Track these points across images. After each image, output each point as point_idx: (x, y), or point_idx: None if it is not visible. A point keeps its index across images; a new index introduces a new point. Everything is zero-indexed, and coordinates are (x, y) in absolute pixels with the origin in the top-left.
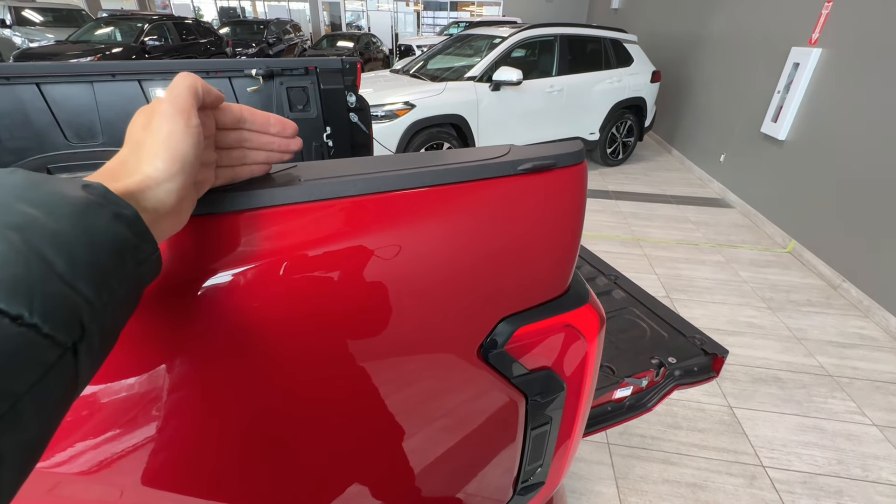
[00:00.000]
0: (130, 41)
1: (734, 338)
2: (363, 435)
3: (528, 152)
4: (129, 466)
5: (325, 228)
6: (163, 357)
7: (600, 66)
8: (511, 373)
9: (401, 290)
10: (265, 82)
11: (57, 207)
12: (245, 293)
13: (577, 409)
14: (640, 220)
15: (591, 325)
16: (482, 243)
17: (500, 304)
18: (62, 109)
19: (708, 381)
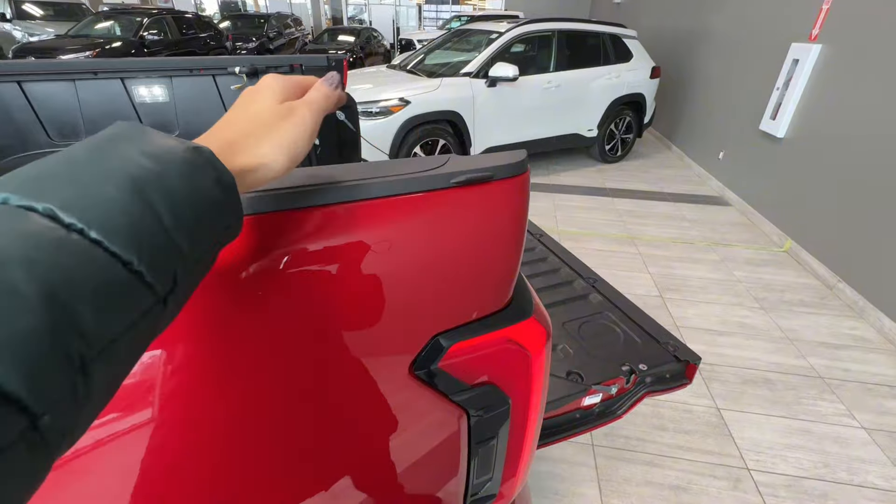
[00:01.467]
0: (129, 36)
1: (725, 338)
2: (295, 454)
3: (466, 164)
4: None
5: (237, 246)
6: None
7: (599, 62)
8: (449, 389)
9: (325, 307)
10: (249, 80)
11: (169, 162)
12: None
13: (526, 423)
14: (636, 217)
15: (535, 339)
16: (412, 259)
17: (433, 321)
18: (44, 108)
19: (680, 388)
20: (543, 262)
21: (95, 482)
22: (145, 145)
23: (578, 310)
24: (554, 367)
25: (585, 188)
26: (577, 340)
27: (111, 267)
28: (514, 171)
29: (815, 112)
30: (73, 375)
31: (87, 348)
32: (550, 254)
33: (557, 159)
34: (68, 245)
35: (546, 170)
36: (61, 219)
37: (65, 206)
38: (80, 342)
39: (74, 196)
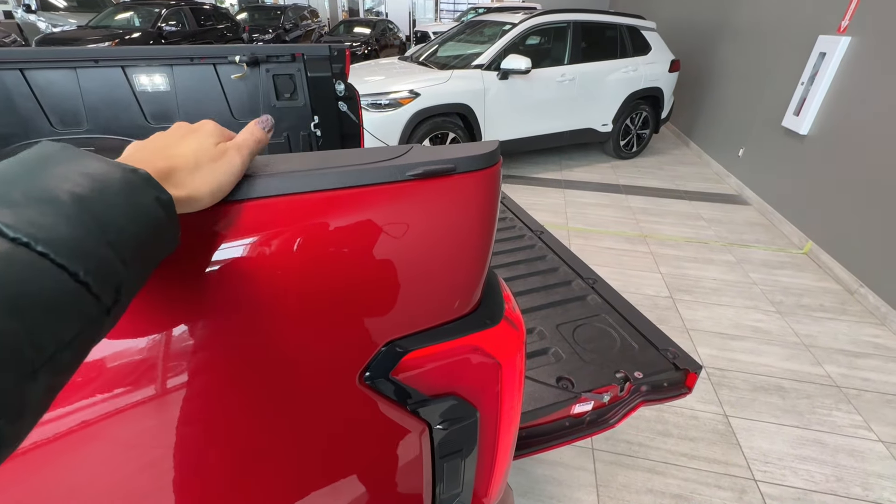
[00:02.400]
0: (148, 26)
1: (737, 342)
2: (234, 470)
3: (428, 155)
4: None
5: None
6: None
7: (615, 55)
8: (407, 400)
9: (257, 309)
10: (250, 69)
11: (109, 182)
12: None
13: (498, 435)
14: (650, 216)
15: (506, 346)
16: (360, 259)
17: (386, 326)
18: (47, 96)
19: (679, 397)
20: (542, 261)
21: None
22: (81, 166)
23: (575, 312)
24: (544, 372)
25: (598, 184)
26: (571, 344)
27: (58, 277)
28: (481, 163)
29: (841, 108)
30: (21, 381)
31: (37, 356)
32: (550, 252)
33: (571, 154)
34: (15, 257)
35: (558, 165)
36: (6, 233)
37: (9, 222)
38: (30, 350)
39: (19, 212)
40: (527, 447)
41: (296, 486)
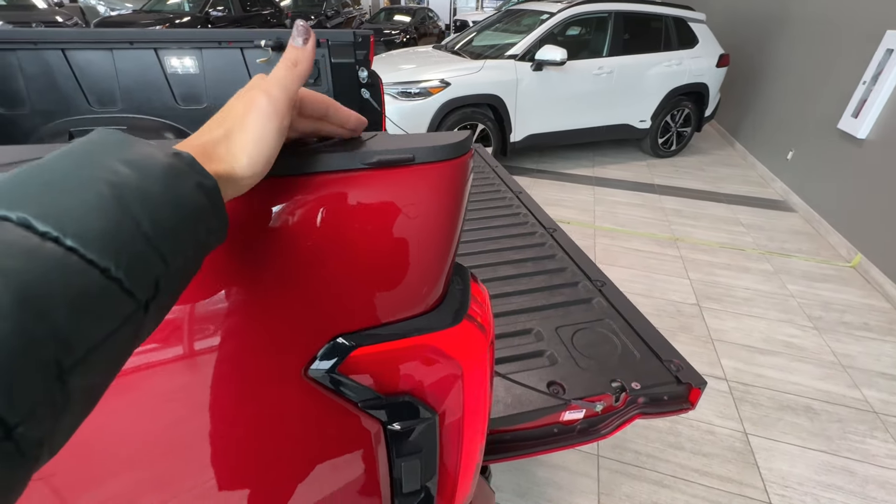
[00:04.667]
0: (196, 11)
1: (766, 357)
2: (172, 462)
3: (389, 143)
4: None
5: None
6: None
7: (659, 48)
8: (357, 397)
9: (203, 295)
10: (276, 54)
11: (149, 169)
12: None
13: (462, 440)
14: (684, 218)
15: (469, 349)
16: (308, 248)
17: (333, 320)
18: (85, 75)
19: (680, 412)
20: (550, 260)
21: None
22: (124, 153)
23: (577, 315)
24: (535, 376)
25: (631, 183)
26: (568, 348)
27: (87, 274)
28: (444, 154)
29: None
30: (49, 383)
31: (65, 356)
32: (560, 251)
33: (605, 151)
34: (42, 253)
35: (591, 161)
36: (35, 227)
37: (39, 214)
38: (57, 350)
39: (49, 204)
40: (511, 450)
41: (244, 481)
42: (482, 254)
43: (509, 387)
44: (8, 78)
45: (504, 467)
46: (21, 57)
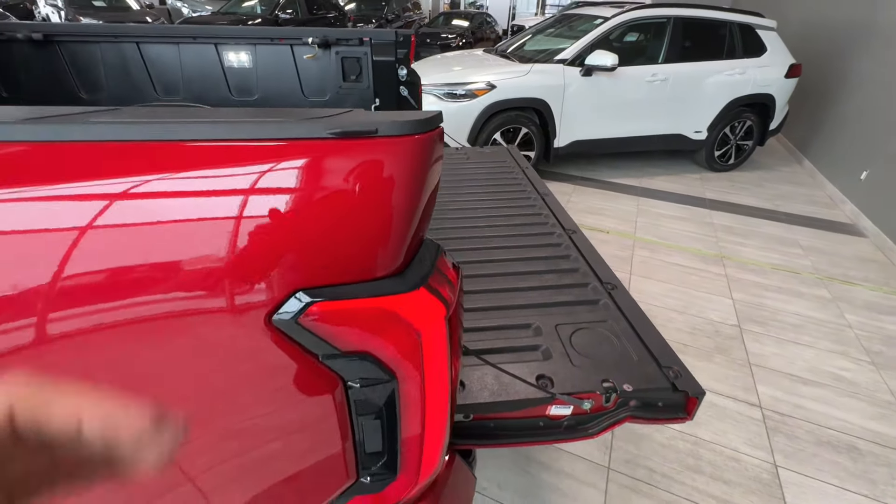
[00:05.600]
0: (267, 13)
1: (810, 388)
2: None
3: (361, 117)
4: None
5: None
6: None
7: (721, 55)
8: (316, 350)
9: (169, 237)
10: (322, 51)
11: None
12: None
13: (424, 406)
14: (734, 235)
15: (427, 315)
16: (277, 205)
17: (295, 274)
18: (155, 67)
19: (676, 421)
20: (564, 260)
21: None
22: None
23: (580, 315)
24: (527, 368)
25: (680, 196)
26: (564, 345)
27: None
28: (407, 129)
29: None
30: None
31: None
32: (575, 252)
33: (656, 161)
34: None
35: (639, 171)
36: None
37: None
38: None
39: None
40: (496, 438)
41: (210, 431)
42: (495, 249)
43: (498, 375)
44: (91, 67)
45: (508, 467)
46: (103, 49)
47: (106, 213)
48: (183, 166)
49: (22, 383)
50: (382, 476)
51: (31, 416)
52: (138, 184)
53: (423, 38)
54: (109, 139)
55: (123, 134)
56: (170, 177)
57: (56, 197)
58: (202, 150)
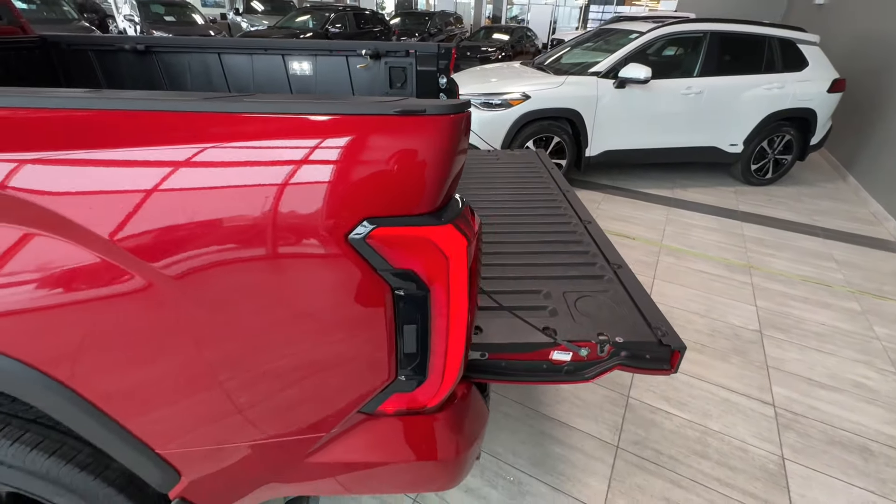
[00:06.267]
0: (318, 28)
1: (827, 392)
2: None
3: (414, 102)
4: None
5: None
6: None
7: (759, 69)
8: (375, 263)
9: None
10: (373, 61)
11: None
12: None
13: (448, 318)
14: (764, 247)
15: (453, 245)
16: (356, 162)
17: (363, 207)
18: (231, 74)
19: (661, 372)
20: (576, 244)
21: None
22: None
23: (586, 285)
24: (536, 320)
25: (711, 207)
26: (569, 307)
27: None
28: (444, 110)
29: None
30: None
31: None
32: (588, 238)
33: (689, 173)
34: None
35: (670, 182)
36: None
37: None
38: None
39: None
40: (505, 375)
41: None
42: (517, 233)
43: (510, 324)
44: (180, 74)
45: (523, 439)
46: (190, 58)
47: (260, 164)
48: (305, 134)
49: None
50: (414, 377)
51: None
52: (281, 146)
53: (463, 52)
54: (262, 112)
55: (268, 109)
56: (297, 143)
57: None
58: (317, 123)
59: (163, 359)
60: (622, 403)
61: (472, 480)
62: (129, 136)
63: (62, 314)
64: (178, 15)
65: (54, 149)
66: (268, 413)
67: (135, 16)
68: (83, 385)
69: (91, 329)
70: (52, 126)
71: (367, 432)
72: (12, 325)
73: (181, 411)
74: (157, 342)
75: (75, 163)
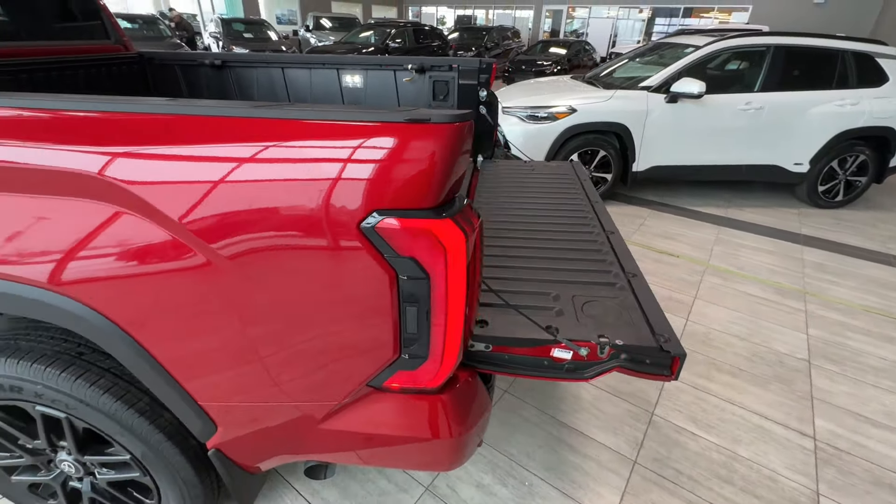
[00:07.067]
0: (379, 43)
1: (879, 431)
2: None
3: (423, 112)
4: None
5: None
6: None
7: (830, 85)
8: (383, 250)
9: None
10: (419, 75)
11: None
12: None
13: (446, 304)
14: (825, 273)
15: (449, 236)
16: (369, 159)
17: (373, 200)
18: (292, 86)
19: (661, 378)
20: (595, 252)
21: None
22: None
23: (596, 291)
24: (540, 318)
25: (769, 229)
26: (575, 310)
27: None
28: (448, 119)
29: None
30: None
31: None
32: (608, 246)
33: (746, 192)
34: None
35: (725, 201)
36: None
37: None
38: None
39: None
40: (508, 367)
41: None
42: (540, 239)
43: (515, 320)
44: (249, 86)
45: (539, 444)
46: (258, 72)
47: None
48: (326, 137)
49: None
50: (416, 356)
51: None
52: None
53: (518, 65)
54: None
55: (297, 115)
56: (320, 144)
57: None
58: (336, 127)
59: (211, 326)
60: (645, 420)
61: (483, 477)
62: (191, 136)
63: (138, 281)
64: (255, 32)
65: (140, 145)
66: (292, 379)
67: (218, 33)
68: (148, 341)
69: (158, 295)
70: (140, 126)
71: (374, 404)
72: (103, 288)
73: (221, 371)
74: (208, 311)
75: (154, 157)
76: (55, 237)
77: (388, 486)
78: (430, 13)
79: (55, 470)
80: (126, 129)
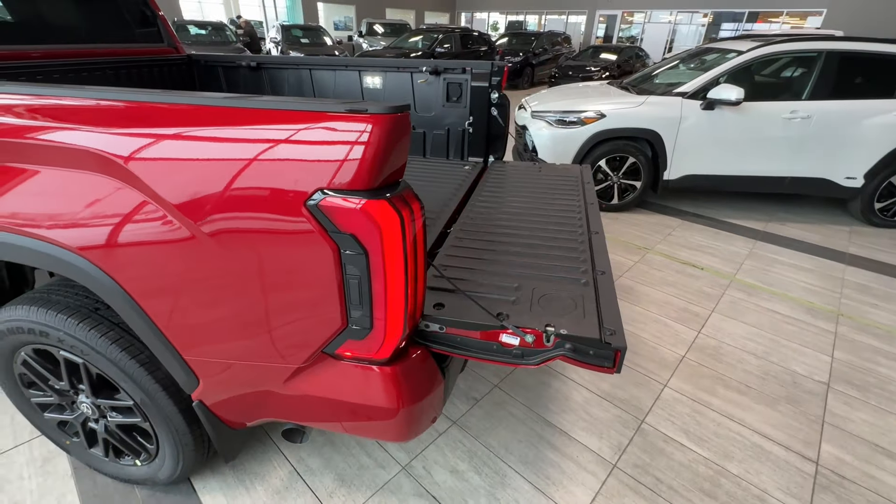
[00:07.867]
0: (426, 48)
1: (894, 463)
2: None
3: (364, 104)
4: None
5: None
6: None
7: (890, 93)
8: (325, 226)
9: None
10: (433, 77)
11: None
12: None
13: (385, 278)
14: (867, 295)
15: (384, 217)
16: (312, 142)
17: (317, 180)
18: (318, 86)
19: (603, 370)
20: (573, 251)
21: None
22: None
23: (559, 285)
24: (495, 304)
25: (811, 246)
26: (532, 301)
27: None
28: (384, 110)
29: None
30: None
31: None
32: (587, 245)
33: (792, 207)
34: None
35: (766, 215)
36: None
37: None
38: None
39: None
40: (459, 348)
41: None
42: (520, 235)
43: (471, 304)
44: (280, 86)
45: (520, 438)
46: (288, 73)
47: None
48: (281, 122)
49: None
50: (362, 326)
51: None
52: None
53: (565, 71)
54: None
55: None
56: (275, 128)
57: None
58: (288, 114)
59: (186, 286)
60: (633, 426)
61: (459, 463)
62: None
63: (136, 249)
64: (311, 37)
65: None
66: (255, 338)
67: (278, 38)
68: (143, 300)
69: (145, 257)
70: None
71: (329, 370)
72: (110, 254)
73: (197, 327)
74: (181, 273)
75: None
76: (72, 205)
77: (367, 461)
78: (482, 19)
79: (77, 410)
80: (121, 115)
